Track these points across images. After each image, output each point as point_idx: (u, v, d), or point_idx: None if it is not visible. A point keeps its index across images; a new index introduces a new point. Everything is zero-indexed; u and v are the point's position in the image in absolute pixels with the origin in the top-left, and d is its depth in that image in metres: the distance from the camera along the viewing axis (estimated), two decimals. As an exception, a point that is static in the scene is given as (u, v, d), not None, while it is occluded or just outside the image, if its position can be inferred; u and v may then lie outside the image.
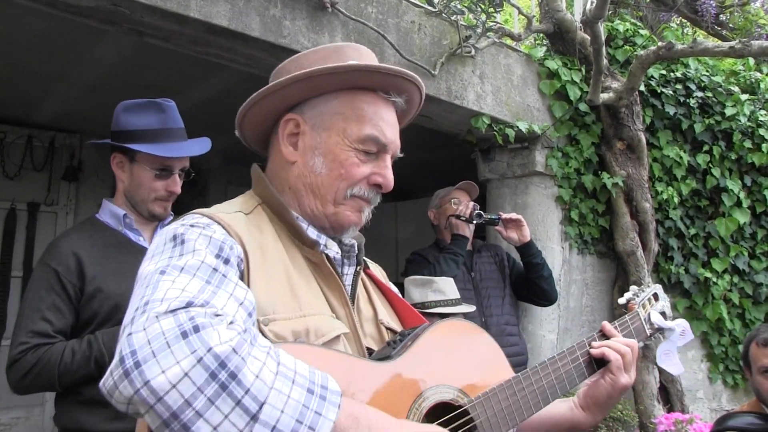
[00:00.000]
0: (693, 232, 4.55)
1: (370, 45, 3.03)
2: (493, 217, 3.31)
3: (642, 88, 4.29)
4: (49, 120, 4.54)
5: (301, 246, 1.13)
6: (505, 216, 3.31)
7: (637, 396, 4.09)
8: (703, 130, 4.57)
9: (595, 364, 1.29)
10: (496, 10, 3.54)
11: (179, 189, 2.10)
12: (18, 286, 4.50)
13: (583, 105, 4.10)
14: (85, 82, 3.74)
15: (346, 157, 1.12)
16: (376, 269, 1.39)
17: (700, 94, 4.59)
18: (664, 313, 1.54)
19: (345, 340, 1.07)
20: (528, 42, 4.61)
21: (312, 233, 1.13)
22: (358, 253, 1.22)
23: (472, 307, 2.82)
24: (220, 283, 0.90)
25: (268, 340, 0.92)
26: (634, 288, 1.58)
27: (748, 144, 4.64)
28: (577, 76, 4.11)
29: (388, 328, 1.21)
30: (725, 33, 6.49)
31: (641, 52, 3.90)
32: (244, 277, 1.00)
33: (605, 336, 1.35)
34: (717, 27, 6.44)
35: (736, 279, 4.64)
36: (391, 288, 1.35)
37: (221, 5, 2.53)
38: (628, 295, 1.54)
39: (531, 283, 3.32)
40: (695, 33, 6.80)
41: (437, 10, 3.37)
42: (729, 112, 4.58)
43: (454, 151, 4.51)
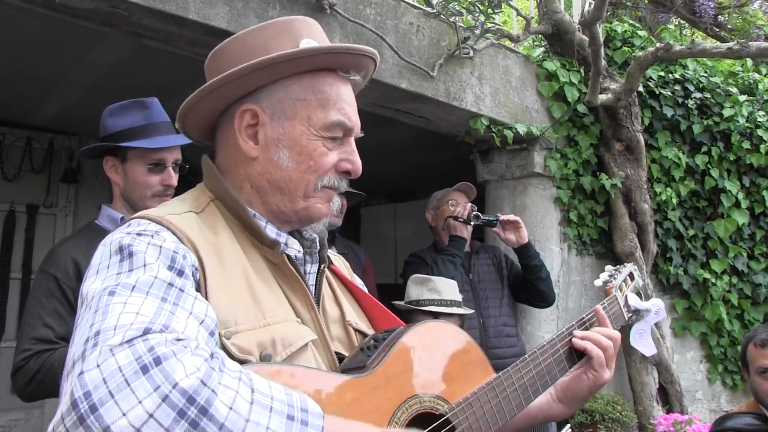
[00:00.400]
0: (692, 233, 4.55)
1: (369, 46, 3.03)
2: (491, 218, 3.31)
3: (640, 89, 4.29)
4: (48, 122, 4.54)
5: (259, 245, 1.04)
6: (503, 217, 3.31)
7: (636, 397, 4.09)
8: (701, 131, 4.57)
9: (576, 356, 1.26)
10: (495, 11, 3.55)
11: (175, 182, 2.09)
12: (17, 288, 4.50)
13: (582, 106, 4.10)
14: (83, 84, 3.74)
15: (314, 147, 1.04)
16: (340, 262, 1.30)
17: (698, 95, 4.60)
18: (639, 294, 1.49)
19: (313, 346, 1.01)
20: (526, 43, 4.61)
21: (271, 232, 1.05)
22: (321, 249, 1.14)
23: (468, 310, 2.82)
24: (177, 300, 0.82)
25: (231, 355, 0.87)
26: (609, 268, 1.52)
27: (746, 145, 4.64)
28: (575, 78, 4.12)
29: (356, 330, 1.15)
30: (723, 34, 6.51)
31: (639, 53, 3.90)
32: (201, 287, 0.91)
33: (586, 325, 1.31)
34: (715, 28, 6.46)
35: (735, 280, 4.64)
36: (356, 283, 1.27)
37: (220, 7, 2.53)
38: (604, 276, 1.49)
39: (529, 285, 3.32)
40: (693, 34, 6.81)
41: (436, 11, 3.37)
42: (727, 113, 4.59)
43: (453, 152, 4.51)
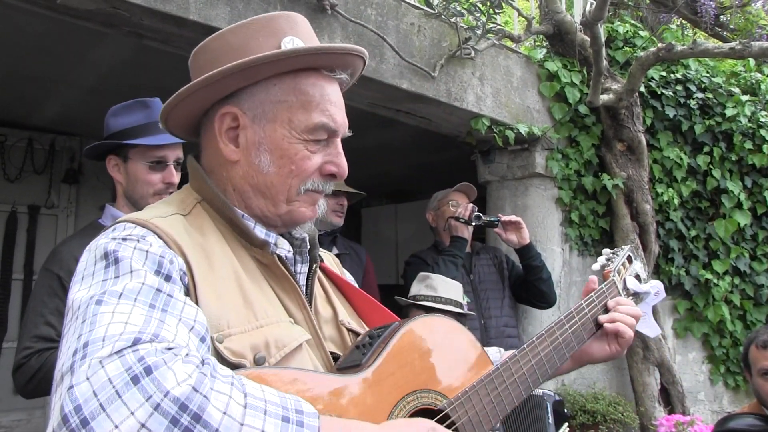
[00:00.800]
0: (693, 233, 4.54)
1: (370, 47, 3.03)
2: (493, 219, 3.30)
3: (642, 89, 4.29)
4: (49, 123, 4.55)
5: (248, 246, 1.03)
6: (504, 218, 3.30)
7: (638, 398, 4.08)
8: (703, 131, 4.56)
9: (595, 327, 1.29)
10: (496, 11, 3.54)
11: (177, 179, 2.11)
12: (19, 288, 4.50)
13: (583, 107, 4.10)
14: (84, 85, 3.74)
15: (295, 151, 1.01)
16: (329, 259, 1.29)
17: (700, 96, 4.59)
18: (638, 276, 1.48)
19: (308, 347, 1.00)
20: (528, 44, 4.61)
21: (260, 232, 1.03)
22: (311, 249, 1.12)
23: (465, 311, 2.81)
24: (165, 306, 0.81)
25: (225, 359, 0.87)
26: (607, 251, 1.50)
27: (748, 145, 4.63)
28: (576, 78, 4.11)
29: (349, 330, 1.13)
30: (725, 34, 6.49)
31: (641, 54, 3.90)
32: (190, 291, 0.90)
33: (586, 309, 1.30)
34: (717, 28, 6.44)
35: (737, 280, 4.63)
36: (347, 279, 1.26)
37: (220, 8, 2.53)
38: (601, 260, 1.47)
39: (530, 286, 3.32)
40: (695, 34, 6.79)
41: (437, 11, 3.37)
42: (729, 113, 4.57)
43: (454, 152, 4.51)
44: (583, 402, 3.66)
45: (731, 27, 6.62)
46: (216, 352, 0.87)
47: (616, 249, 1.53)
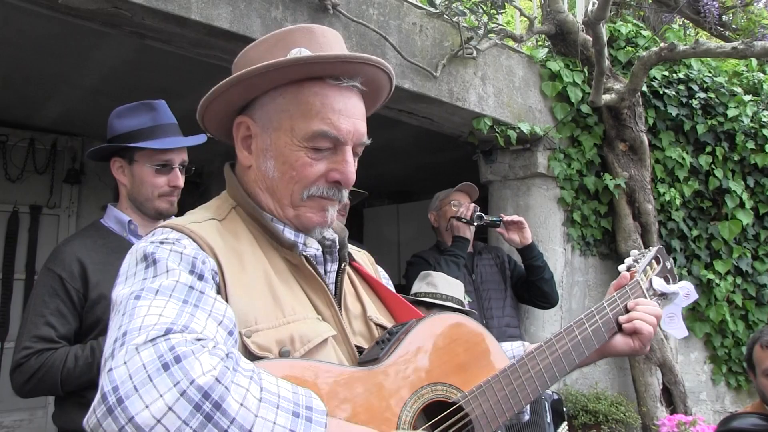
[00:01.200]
0: (695, 233, 4.53)
1: (372, 47, 3.03)
2: (495, 219, 3.30)
3: (644, 89, 4.28)
4: (51, 123, 4.55)
5: (279, 248, 1.09)
6: (506, 218, 3.30)
7: (640, 398, 4.08)
8: (705, 131, 4.56)
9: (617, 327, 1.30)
10: (498, 11, 3.54)
11: (181, 183, 2.11)
12: (21, 288, 4.50)
13: (585, 106, 4.09)
14: (86, 85, 3.74)
15: (296, 158, 1.06)
16: (363, 258, 1.33)
17: (702, 95, 4.58)
18: (667, 277, 1.47)
19: (333, 342, 1.05)
20: (530, 43, 4.60)
21: (289, 234, 1.09)
22: (341, 248, 1.17)
23: (464, 308, 2.81)
24: (198, 302, 0.89)
25: (251, 353, 0.93)
26: (634, 253, 1.50)
27: (751, 145, 4.63)
28: (578, 78, 4.10)
29: (377, 324, 1.18)
30: (728, 34, 6.48)
31: (643, 53, 3.89)
32: (221, 290, 0.97)
33: (604, 312, 1.30)
34: (720, 28, 6.43)
35: (739, 280, 4.62)
36: (380, 279, 1.30)
37: (222, 7, 2.53)
38: (628, 261, 1.47)
39: (532, 286, 3.32)
40: (698, 34, 6.79)
41: (439, 11, 3.37)
42: (732, 113, 4.57)
43: (456, 152, 4.50)
44: (585, 402, 3.66)
45: (734, 27, 6.61)
46: (243, 346, 0.94)
47: (643, 250, 1.53)
